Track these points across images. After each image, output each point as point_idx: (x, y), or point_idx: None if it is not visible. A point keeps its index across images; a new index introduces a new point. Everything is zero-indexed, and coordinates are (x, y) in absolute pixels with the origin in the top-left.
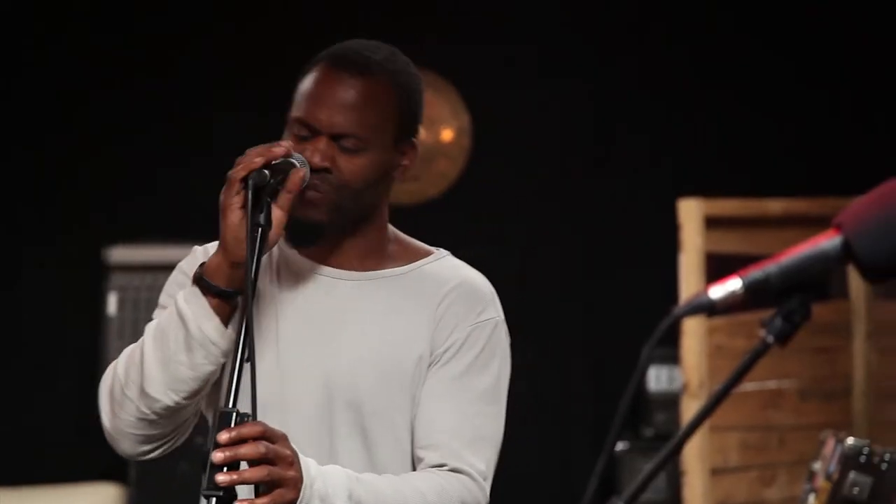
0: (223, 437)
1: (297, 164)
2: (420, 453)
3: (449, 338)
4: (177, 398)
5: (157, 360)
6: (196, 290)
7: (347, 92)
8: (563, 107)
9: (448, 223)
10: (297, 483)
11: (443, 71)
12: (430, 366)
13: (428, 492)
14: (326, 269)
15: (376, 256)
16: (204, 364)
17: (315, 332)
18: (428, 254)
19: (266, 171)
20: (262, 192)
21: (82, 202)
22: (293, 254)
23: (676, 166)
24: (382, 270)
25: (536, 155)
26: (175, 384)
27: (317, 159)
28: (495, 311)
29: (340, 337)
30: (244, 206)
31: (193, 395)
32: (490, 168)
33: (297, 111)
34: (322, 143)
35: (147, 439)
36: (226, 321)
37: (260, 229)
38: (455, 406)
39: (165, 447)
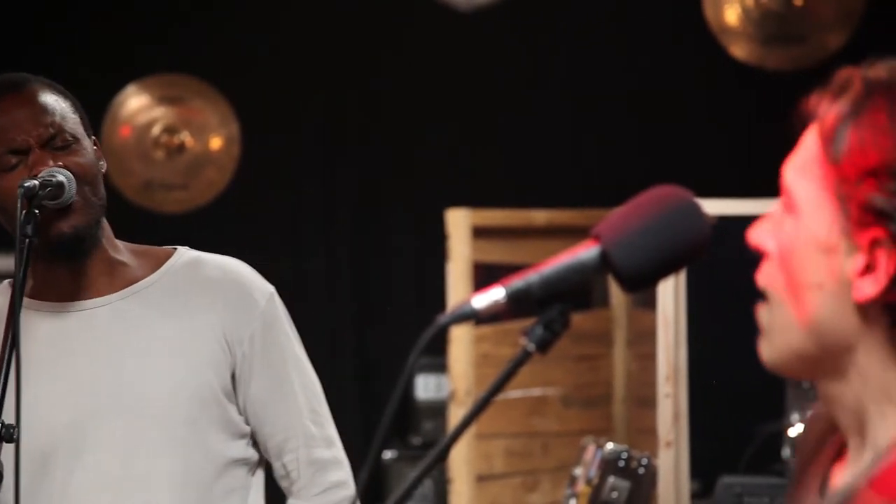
0: None
1: (65, 181)
2: (287, 457)
3: (246, 332)
4: None
5: None
6: None
7: (27, 104)
8: (331, 115)
9: (216, 232)
10: None
11: (211, 79)
12: (241, 361)
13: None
14: (76, 304)
15: (122, 271)
16: None
17: (91, 368)
18: (168, 254)
19: (37, 182)
20: (30, 203)
21: None
22: (30, 303)
23: (444, 177)
24: (138, 283)
25: (305, 164)
26: None
27: (47, 166)
28: (264, 283)
29: (122, 364)
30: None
31: None
32: (259, 176)
33: None
34: (37, 154)
35: None
36: None
37: (28, 241)
38: (286, 392)
39: None
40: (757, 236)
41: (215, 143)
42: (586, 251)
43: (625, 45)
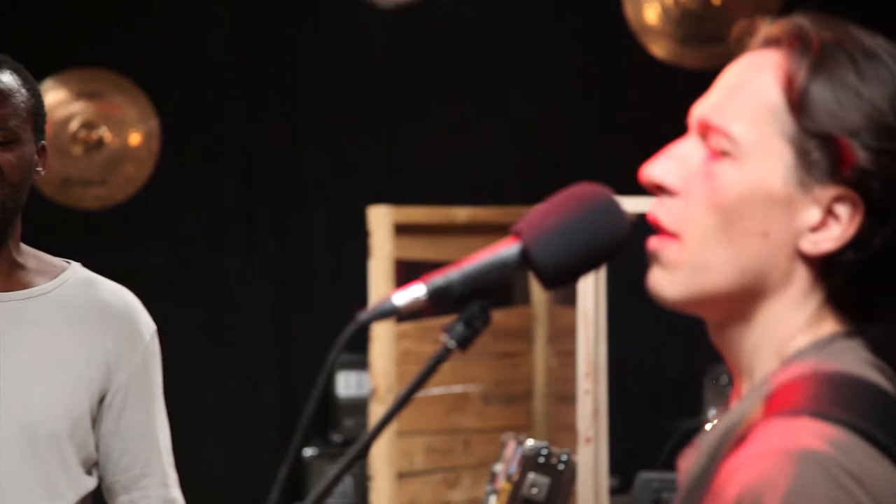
0: None
1: None
2: (137, 493)
3: (127, 363)
4: None
5: None
6: None
7: None
8: (255, 110)
9: (135, 228)
10: None
11: (131, 74)
12: (115, 390)
13: None
14: None
15: (20, 274)
16: None
17: None
18: (63, 267)
19: None
20: None
21: None
22: None
23: (365, 174)
24: (33, 288)
25: (225, 160)
26: None
27: None
28: (149, 319)
29: (2, 365)
30: None
31: None
32: (178, 172)
33: None
34: None
35: None
36: None
37: None
38: (151, 429)
39: None
40: (659, 172)
41: (134, 138)
42: (507, 248)
43: (545, 44)
